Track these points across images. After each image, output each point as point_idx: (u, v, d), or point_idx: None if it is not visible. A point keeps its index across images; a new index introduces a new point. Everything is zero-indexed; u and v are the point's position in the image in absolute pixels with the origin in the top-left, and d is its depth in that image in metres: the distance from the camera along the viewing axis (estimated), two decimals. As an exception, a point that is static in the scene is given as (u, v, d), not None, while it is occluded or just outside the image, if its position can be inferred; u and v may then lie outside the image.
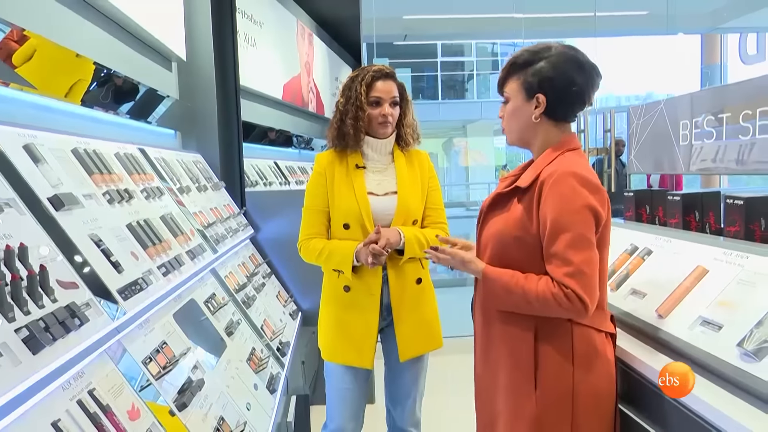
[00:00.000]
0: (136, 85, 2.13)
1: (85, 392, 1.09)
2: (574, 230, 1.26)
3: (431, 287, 1.96)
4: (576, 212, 1.27)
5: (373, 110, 1.86)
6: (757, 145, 1.92)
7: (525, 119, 1.40)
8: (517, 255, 1.36)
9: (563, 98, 1.37)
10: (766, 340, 1.19)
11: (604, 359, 1.37)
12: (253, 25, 3.59)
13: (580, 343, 1.34)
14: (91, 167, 1.52)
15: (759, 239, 1.65)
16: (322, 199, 1.90)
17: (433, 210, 1.95)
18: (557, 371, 1.33)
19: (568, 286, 1.25)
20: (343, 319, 1.88)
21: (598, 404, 1.36)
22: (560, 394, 1.33)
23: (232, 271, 2.41)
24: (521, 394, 1.36)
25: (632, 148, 2.73)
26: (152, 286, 1.48)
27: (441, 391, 1.58)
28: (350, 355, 1.87)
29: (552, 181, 1.30)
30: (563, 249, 1.26)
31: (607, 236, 1.38)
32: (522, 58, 1.39)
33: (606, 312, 1.42)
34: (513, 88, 1.41)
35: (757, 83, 1.92)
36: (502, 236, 1.38)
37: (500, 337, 1.41)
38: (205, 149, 2.89)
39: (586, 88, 1.37)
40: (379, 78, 1.87)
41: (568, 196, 1.28)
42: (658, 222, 2.16)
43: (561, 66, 1.35)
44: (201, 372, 1.59)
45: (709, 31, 9.25)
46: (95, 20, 1.89)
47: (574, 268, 1.25)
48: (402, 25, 8.66)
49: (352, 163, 1.89)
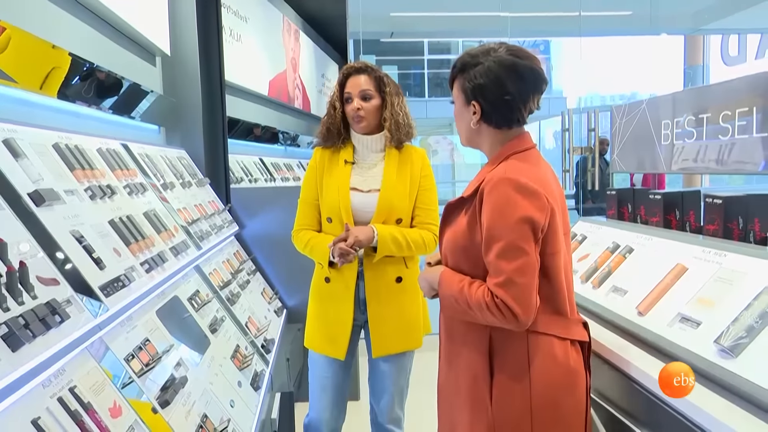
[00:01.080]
0: (120, 79, 2.10)
1: (66, 390, 1.08)
2: (506, 238, 1.21)
3: (415, 287, 1.92)
4: (508, 220, 1.22)
5: (346, 107, 1.91)
6: (737, 145, 1.95)
7: (466, 124, 1.37)
8: (467, 265, 1.32)
9: (497, 106, 1.31)
10: (743, 337, 1.22)
11: (566, 368, 1.28)
12: (238, 20, 3.57)
13: (537, 350, 1.27)
14: (72, 162, 1.51)
15: (737, 238, 1.69)
16: (313, 192, 1.96)
17: (422, 210, 1.94)
18: (512, 383, 1.27)
19: (498, 296, 1.21)
20: (322, 310, 1.95)
21: (562, 417, 1.29)
22: (516, 403, 1.27)
23: (217, 268, 2.40)
24: (477, 405, 1.31)
25: (615, 148, 2.77)
26: (135, 282, 1.46)
27: (428, 389, 1.57)
28: (325, 345, 1.93)
29: (488, 188, 1.26)
30: (495, 258, 1.22)
31: (557, 242, 1.29)
32: (462, 61, 1.34)
33: (571, 318, 1.34)
34: (456, 91, 1.38)
35: (736, 85, 1.95)
36: (453, 246, 1.35)
37: (460, 343, 1.37)
38: (189, 145, 2.86)
39: (523, 96, 1.30)
40: (350, 74, 1.91)
41: (501, 204, 1.23)
42: (640, 220, 2.19)
43: (494, 73, 1.28)
44: (184, 369, 1.58)
45: (691, 32, 9.37)
46: (77, 13, 1.86)
47: (504, 278, 1.21)
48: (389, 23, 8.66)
49: (342, 159, 1.93)
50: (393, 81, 1.94)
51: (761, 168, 1.86)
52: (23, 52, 1.49)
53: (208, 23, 2.96)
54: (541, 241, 1.25)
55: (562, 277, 1.31)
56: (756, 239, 1.66)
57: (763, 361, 1.14)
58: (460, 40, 15.48)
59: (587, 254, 2.06)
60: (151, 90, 2.43)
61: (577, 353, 1.33)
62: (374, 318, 1.90)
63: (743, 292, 1.31)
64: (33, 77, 1.60)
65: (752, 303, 1.26)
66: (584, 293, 1.84)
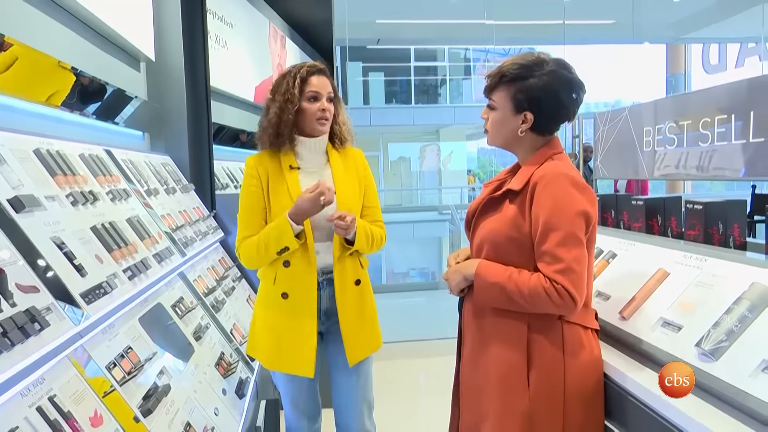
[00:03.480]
0: (104, 85, 2.08)
1: (45, 398, 1.07)
2: (565, 229, 1.31)
3: (369, 288, 1.92)
4: (567, 212, 1.32)
5: (310, 105, 1.80)
6: (717, 152, 1.98)
7: (511, 130, 1.43)
8: (511, 254, 1.39)
9: (551, 117, 1.41)
10: (723, 340, 1.23)
11: (591, 355, 1.40)
12: (224, 26, 3.56)
13: (571, 339, 1.37)
14: (54, 168, 1.49)
15: (717, 242, 1.71)
16: (258, 199, 1.82)
17: (371, 209, 1.92)
18: (550, 366, 1.36)
19: (558, 282, 1.29)
20: (281, 327, 1.82)
21: (588, 399, 1.39)
22: (552, 388, 1.36)
23: (201, 275, 2.38)
24: (513, 392, 1.38)
25: (598, 154, 2.80)
26: (117, 289, 1.45)
27: (393, 397, 1.55)
28: (291, 365, 1.81)
29: (544, 182, 1.35)
30: (554, 247, 1.31)
31: (593, 236, 1.42)
32: (513, 72, 1.39)
33: (591, 309, 1.46)
34: (501, 98, 1.42)
35: (715, 93, 1.99)
36: (495, 237, 1.41)
37: (493, 333, 1.42)
38: (174, 151, 2.84)
39: (574, 108, 1.43)
40: (314, 73, 1.82)
41: (560, 197, 1.33)
42: (623, 226, 2.21)
43: (552, 87, 1.37)
44: (167, 377, 1.56)
45: (673, 41, 9.54)
46: (60, 18, 1.85)
47: (564, 265, 1.29)
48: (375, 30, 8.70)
49: (285, 165, 1.83)
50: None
51: (742, 174, 1.89)
52: (29, 69, 1.47)
53: (193, 29, 2.95)
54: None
55: (592, 269, 1.44)
56: (736, 244, 1.69)
57: (743, 364, 1.16)
58: (447, 47, 15.60)
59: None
60: (136, 96, 2.42)
61: (597, 341, 1.44)
62: (346, 324, 1.83)
63: (723, 296, 1.33)
64: (39, 93, 1.57)
65: (732, 307, 1.28)
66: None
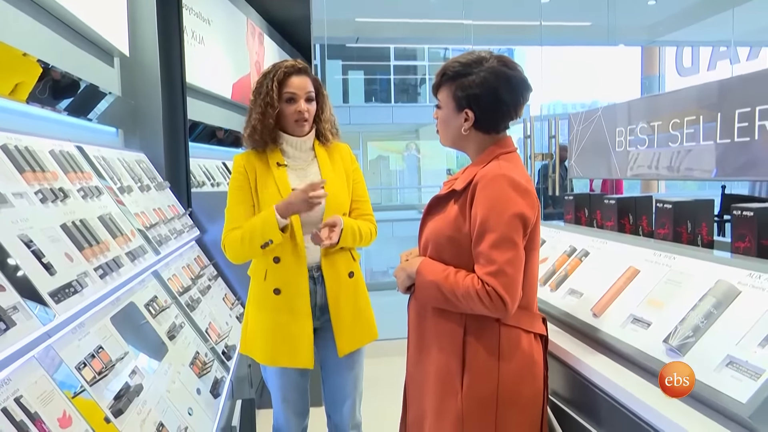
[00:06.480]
0: (76, 80, 2.04)
1: (11, 399, 1.05)
2: (500, 231, 1.29)
3: (362, 280, 1.94)
4: (503, 214, 1.30)
5: (288, 107, 1.81)
6: (688, 152, 2.03)
7: (455, 129, 1.43)
8: (451, 254, 1.38)
9: (491, 114, 1.39)
10: (689, 336, 1.27)
11: (530, 360, 1.38)
12: (201, 22, 3.52)
13: (507, 342, 1.35)
14: (22, 165, 1.46)
15: (686, 241, 1.75)
16: (245, 194, 1.83)
17: (359, 202, 1.94)
18: (483, 369, 1.35)
19: (489, 285, 1.27)
20: (276, 323, 1.82)
21: (523, 405, 1.37)
22: (485, 392, 1.34)
23: (176, 273, 2.35)
24: (447, 393, 1.37)
25: (572, 154, 2.84)
26: (87, 288, 1.42)
27: (380, 394, 1.57)
28: (289, 358, 1.83)
29: (483, 183, 1.33)
30: (488, 249, 1.29)
31: (536, 239, 1.40)
32: (453, 70, 1.39)
33: (535, 314, 1.44)
34: (444, 97, 1.43)
35: (684, 94, 2.03)
36: (438, 236, 1.41)
37: (432, 334, 1.43)
38: (149, 148, 2.80)
39: (515, 104, 1.39)
40: (292, 73, 1.81)
41: (498, 198, 1.31)
42: (596, 224, 2.25)
43: (490, 83, 1.35)
44: (140, 377, 1.54)
45: (648, 43, 9.70)
46: (30, 11, 1.81)
47: (496, 267, 1.27)
48: (354, 28, 8.67)
49: (272, 162, 1.85)
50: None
51: (713, 175, 1.93)
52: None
53: (168, 24, 2.90)
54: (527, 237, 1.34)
55: (535, 272, 1.42)
56: (703, 242, 1.73)
57: (708, 359, 1.19)
58: (426, 46, 15.63)
59: (546, 258, 2.10)
60: (109, 92, 2.38)
61: (539, 346, 1.42)
62: (336, 317, 1.85)
63: (690, 293, 1.37)
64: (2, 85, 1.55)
65: (698, 304, 1.31)
66: (542, 296, 1.87)
